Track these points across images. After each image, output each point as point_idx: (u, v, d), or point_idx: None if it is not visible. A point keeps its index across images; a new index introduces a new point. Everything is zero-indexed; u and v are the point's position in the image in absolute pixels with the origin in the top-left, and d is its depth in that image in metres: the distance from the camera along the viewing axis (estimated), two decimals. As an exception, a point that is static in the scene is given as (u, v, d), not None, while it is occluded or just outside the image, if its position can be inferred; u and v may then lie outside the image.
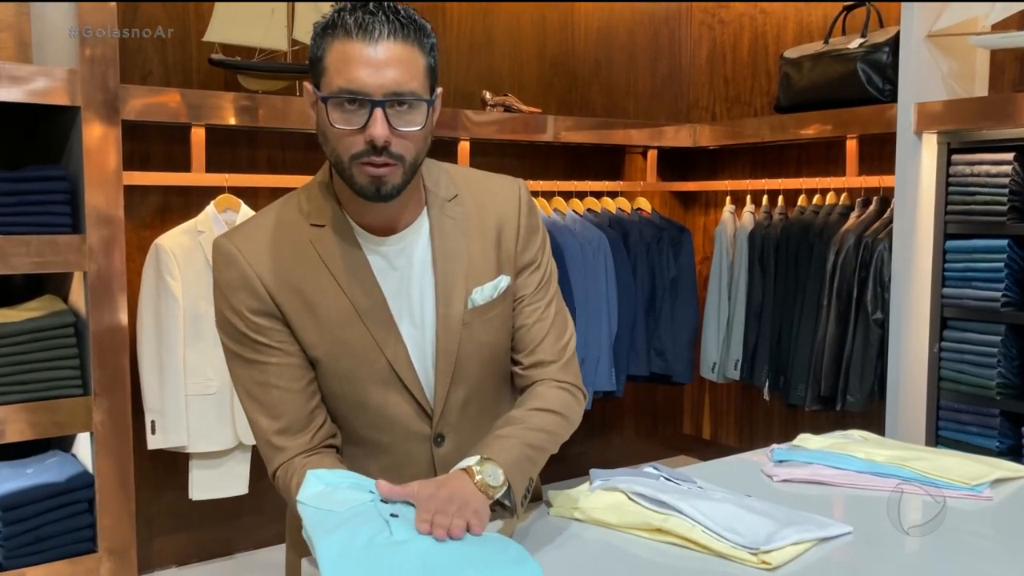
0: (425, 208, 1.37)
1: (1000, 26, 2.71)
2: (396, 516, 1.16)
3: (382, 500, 1.19)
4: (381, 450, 1.37)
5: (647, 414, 4.14)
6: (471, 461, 1.24)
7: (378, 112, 1.21)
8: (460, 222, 1.38)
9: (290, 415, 1.32)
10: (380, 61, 1.21)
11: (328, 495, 1.21)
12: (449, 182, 1.41)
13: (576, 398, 1.42)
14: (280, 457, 1.33)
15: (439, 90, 1.30)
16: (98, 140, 2.25)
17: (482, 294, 1.36)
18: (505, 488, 1.24)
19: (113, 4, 2.24)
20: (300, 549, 1.39)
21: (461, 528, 1.14)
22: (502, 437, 1.29)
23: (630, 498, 1.41)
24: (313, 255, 1.31)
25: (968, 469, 1.58)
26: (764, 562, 1.22)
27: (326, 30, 1.25)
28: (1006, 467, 1.65)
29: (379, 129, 1.21)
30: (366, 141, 1.22)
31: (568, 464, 1.37)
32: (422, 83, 1.25)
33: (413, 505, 1.19)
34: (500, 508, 1.28)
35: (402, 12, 1.25)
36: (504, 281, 1.37)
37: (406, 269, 1.35)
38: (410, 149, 1.25)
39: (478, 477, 1.22)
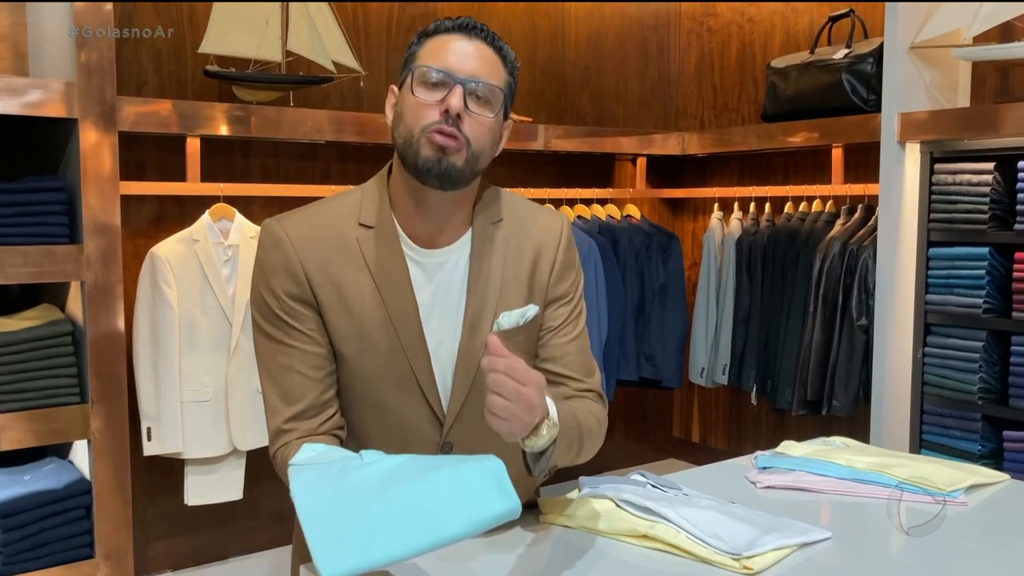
0: (470, 229, 1.44)
1: (982, 38, 2.76)
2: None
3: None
4: (389, 451, 1.40)
5: (637, 418, 4.18)
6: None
7: (458, 87, 1.32)
8: (499, 246, 1.44)
9: (305, 401, 1.37)
10: (470, 54, 1.34)
11: (321, 457, 1.24)
12: (498, 207, 1.47)
13: (604, 411, 1.49)
14: (285, 438, 1.38)
15: (511, 118, 1.43)
16: (95, 151, 2.27)
17: (508, 319, 1.37)
18: (547, 444, 1.25)
19: (109, 5, 2.27)
20: (304, 552, 1.38)
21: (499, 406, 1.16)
22: (565, 406, 1.34)
23: (618, 505, 1.45)
24: (357, 254, 1.38)
25: (945, 475, 1.62)
26: (746, 567, 1.26)
27: (426, 32, 1.39)
28: (982, 473, 1.70)
29: (456, 99, 1.31)
30: (441, 112, 1.31)
31: (559, 470, 1.41)
32: (500, 84, 1.37)
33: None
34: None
35: (496, 35, 1.39)
36: (532, 310, 1.38)
37: (442, 284, 1.41)
38: (477, 135, 1.34)
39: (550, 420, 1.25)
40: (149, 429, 2.70)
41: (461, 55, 1.34)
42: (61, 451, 2.45)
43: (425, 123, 1.32)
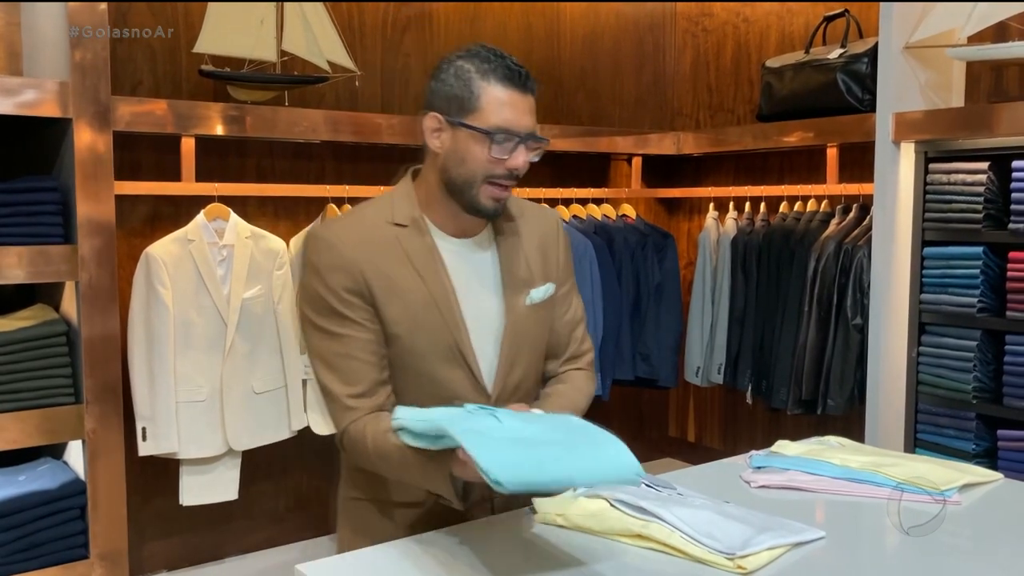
0: (490, 223, 1.65)
1: (976, 38, 2.77)
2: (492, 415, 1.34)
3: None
4: None
5: (633, 418, 4.19)
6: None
7: (521, 147, 1.52)
8: (517, 238, 1.66)
9: (365, 383, 1.52)
10: (526, 108, 1.52)
11: (421, 412, 1.37)
12: (507, 206, 1.66)
13: (591, 379, 1.75)
14: (352, 415, 1.51)
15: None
16: (90, 151, 2.27)
17: (538, 294, 1.64)
18: None
19: (104, 5, 2.27)
20: (354, 522, 1.64)
21: None
22: (554, 396, 1.63)
23: (612, 504, 1.45)
24: (398, 248, 1.56)
25: (939, 475, 1.63)
26: (740, 567, 1.27)
27: (480, 72, 1.51)
28: (975, 472, 1.70)
29: (523, 160, 1.53)
30: (508, 168, 1.52)
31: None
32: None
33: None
34: None
35: (527, 71, 1.54)
36: (551, 288, 1.67)
37: (476, 267, 1.61)
38: (522, 175, 1.56)
39: None
40: (144, 429, 2.69)
41: (521, 112, 1.51)
42: (56, 451, 2.45)
43: (490, 173, 1.52)
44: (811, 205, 3.42)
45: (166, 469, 2.87)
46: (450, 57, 1.54)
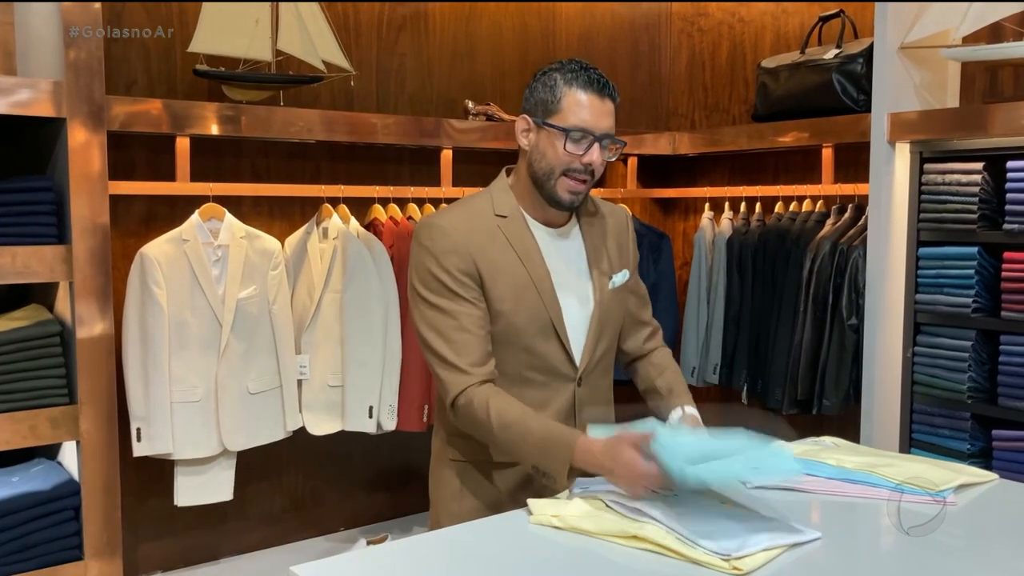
0: (575, 216, 1.84)
1: (971, 39, 2.78)
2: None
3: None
4: (536, 386, 1.76)
5: (629, 418, 4.18)
6: (679, 413, 1.88)
7: (596, 145, 1.70)
8: (598, 227, 1.87)
9: (476, 353, 1.69)
10: (604, 112, 1.71)
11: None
12: (587, 201, 1.87)
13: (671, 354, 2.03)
14: (467, 380, 1.67)
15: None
16: (84, 150, 2.26)
17: (619, 279, 1.85)
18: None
19: (97, 5, 2.26)
20: (452, 484, 1.81)
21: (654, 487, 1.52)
22: (681, 393, 1.93)
23: (607, 505, 1.45)
24: (501, 236, 1.75)
25: (934, 475, 1.63)
26: (736, 568, 1.26)
27: (565, 79, 1.71)
28: (970, 472, 1.71)
29: (597, 157, 1.70)
30: (583, 163, 1.69)
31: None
32: (615, 131, 1.75)
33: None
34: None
35: (608, 79, 1.74)
36: (627, 274, 1.88)
37: (566, 254, 1.80)
38: (599, 173, 1.74)
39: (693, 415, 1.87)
40: (139, 430, 2.69)
41: (597, 113, 1.69)
42: (50, 452, 2.44)
43: (567, 166, 1.70)
44: (806, 205, 3.42)
45: (160, 470, 2.87)
46: (545, 68, 1.75)
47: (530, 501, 1.51)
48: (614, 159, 1.78)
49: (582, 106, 1.69)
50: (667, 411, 1.86)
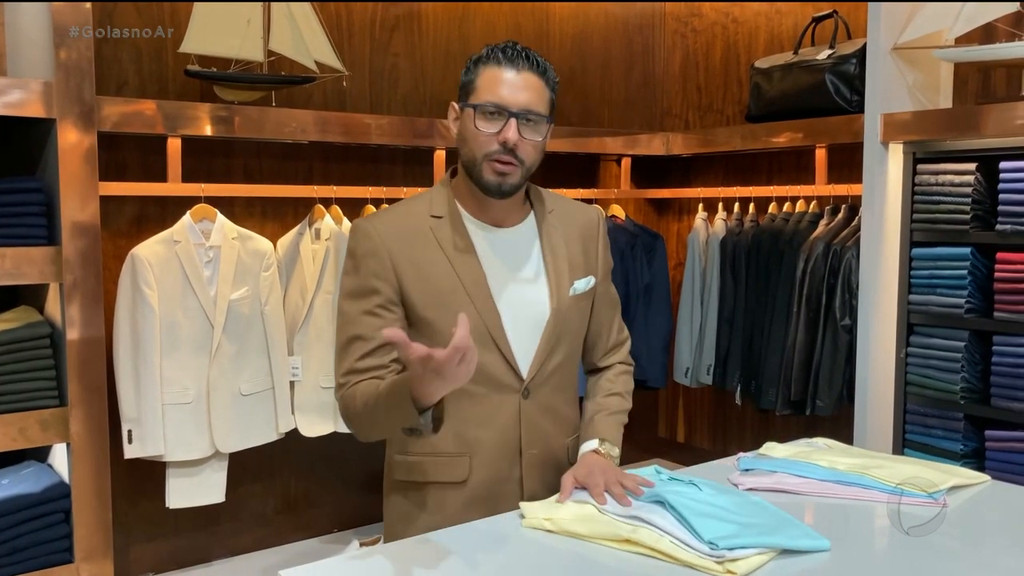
0: (532, 214, 1.74)
1: (963, 40, 2.78)
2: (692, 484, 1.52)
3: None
4: (476, 399, 1.65)
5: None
6: (594, 444, 1.66)
7: (512, 121, 1.59)
8: (559, 229, 1.75)
9: (376, 341, 1.60)
10: (519, 85, 1.60)
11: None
12: (547, 201, 1.78)
13: (631, 375, 1.87)
14: (346, 380, 1.61)
15: (552, 121, 1.68)
16: (74, 151, 2.25)
17: (581, 285, 1.72)
18: (616, 453, 1.69)
19: (88, 5, 2.25)
20: (401, 506, 1.71)
21: (629, 485, 1.51)
22: (604, 420, 1.72)
23: (599, 509, 1.44)
24: (431, 238, 1.66)
25: (926, 477, 1.63)
26: (730, 571, 1.26)
27: (480, 60, 1.63)
28: (963, 474, 1.70)
29: (511, 133, 1.58)
30: (499, 142, 1.59)
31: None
32: (545, 108, 1.63)
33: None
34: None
35: (536, 55, 1.63)
36: (593, 280, 1.76)
37: (515, 256, 1.69)
38: (529, 155, 1.62)
39: (605, 452, 1.65)
40: (130, 432, 2.67)
41: (512, 87, 1.59)
42: (40, 454, 2.43)
43: (486, 151, 1.60)
44: (800, 206, 3.42)
45: (152, 471, 2.85)
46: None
47: (522, 504, 1.51)
48: (541, 139, 1.64)
49: (495, 81, 1.59)
50: (583, 438, 1.71)
